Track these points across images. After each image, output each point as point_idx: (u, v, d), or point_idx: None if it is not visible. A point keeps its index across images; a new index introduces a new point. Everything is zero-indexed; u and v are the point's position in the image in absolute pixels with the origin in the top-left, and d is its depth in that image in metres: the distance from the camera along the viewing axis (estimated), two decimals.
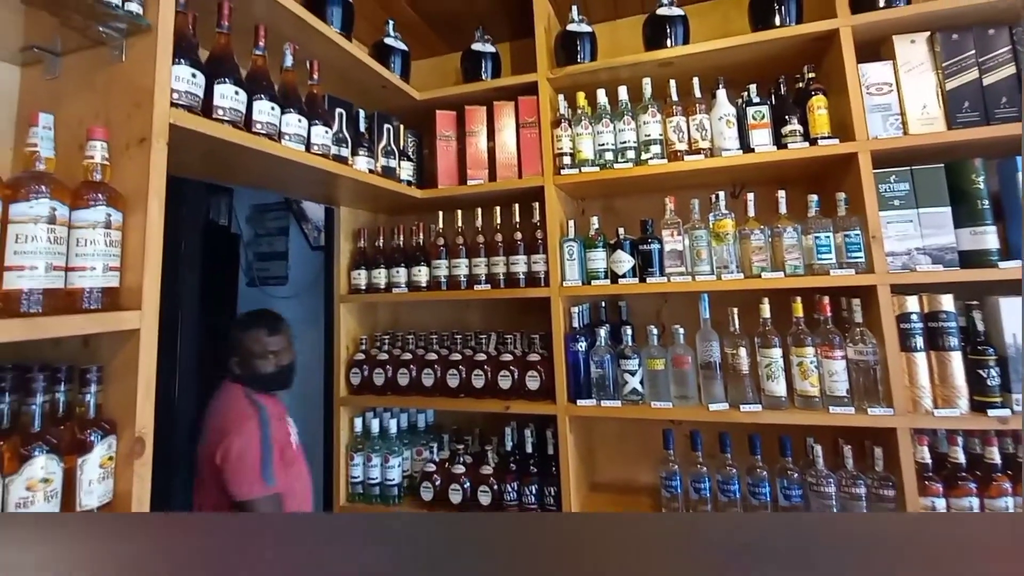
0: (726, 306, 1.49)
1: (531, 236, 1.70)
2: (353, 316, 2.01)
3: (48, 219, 0.76)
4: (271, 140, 1.19)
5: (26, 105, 1.03)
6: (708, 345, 1.45)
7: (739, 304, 1.49)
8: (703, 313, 1.49)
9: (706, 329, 1.48)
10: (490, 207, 1.80)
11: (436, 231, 1.84)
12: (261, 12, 1.27)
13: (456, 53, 2.23)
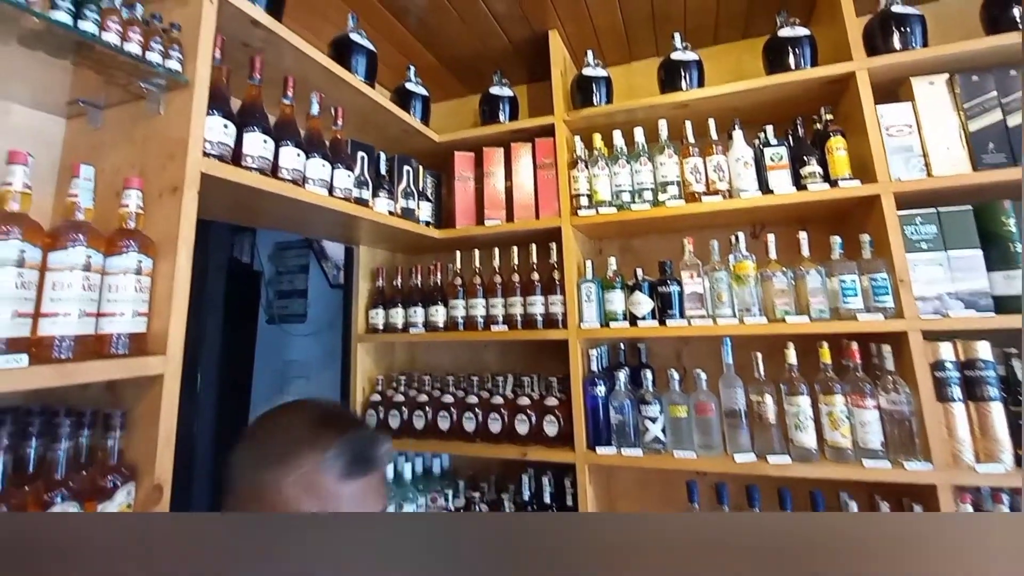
0: (749, 350, 1.48)
1: (548, 276, 1.73)
2: (370, 356, 2.04)
3: (83, 267, 0.81)
4: (296, 185, 1.26)
5: (69, 154, 1.10)
6: (732, 392, 1.44)
7: (763, 348, 1.48)
8: (726, 358, 1.48)
9: (729, 375, 1.47)
10: (508, 247, 1.85)
11: (454, 271, 1.89)
12: (290, 64, 1.36)
13: (474, 95, 2.34)
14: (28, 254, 0.75)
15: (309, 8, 1.75)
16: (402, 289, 1.96)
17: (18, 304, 0.73)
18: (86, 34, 0.88)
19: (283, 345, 2.81)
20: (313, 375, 1.88)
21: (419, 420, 1.78)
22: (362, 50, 1.67)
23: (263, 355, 2.83)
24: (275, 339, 2.82)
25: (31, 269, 0.75)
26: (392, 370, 2.12)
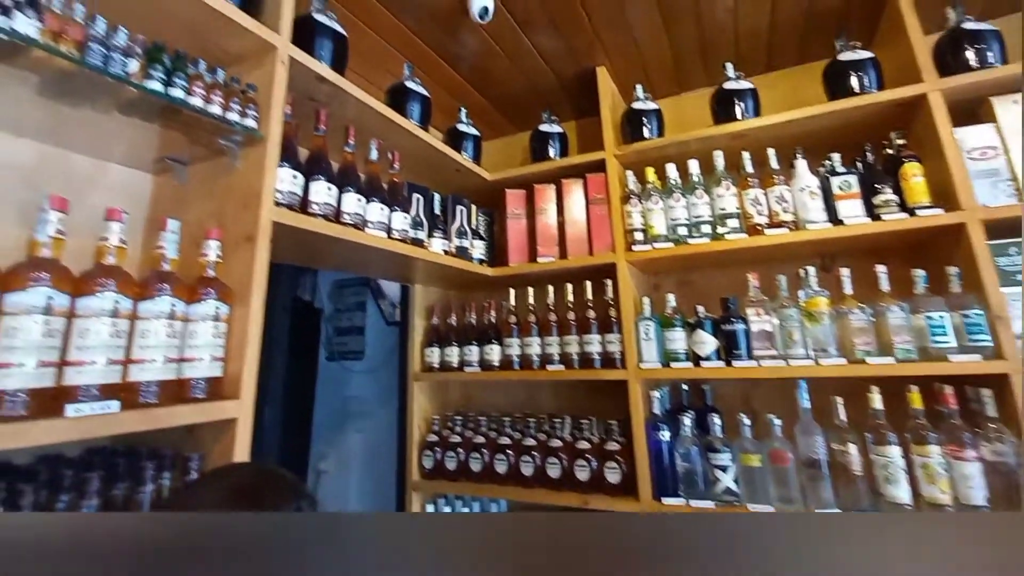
0: (827, 394, 1.39)
1: (604, 314, 1.71)
2: (425, 394, 2.06)
3: (168, 315, 0.87)
4: (357, 229, 1.31)
5: (156, 208, 1.20)
6: (811, 440, 1.34)
7: (842, 392, 1.39)
8: (802, 402, 1.39)
9: (807, 421, 1.37)
10: (561, 284, 1.84)
11: (508, 308, 1.90)
12: (352, 114, 1.45)
13: (524, 132, 2.40)
14: (121, 305, 0.81)
15: (368, 60, 1.86)
16: (457, 327, 1.98)
17: (111, 352, 0.79)
18: (176, 99, 0.97)
19: (342, 381, 2.89)
20: (371, 412, 1.91)
21: (476, 463, 1.77)
22: (417, 96, 1.75)
23: (323, 391, 2.92)
24: (334, 375, 2.90)
25: (124, 319, 0.81)
26: (447, 409, 2.13)
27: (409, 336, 2.03)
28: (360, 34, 1.72)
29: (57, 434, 0.68)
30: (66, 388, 0.74)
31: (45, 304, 0.73)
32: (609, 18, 1.75)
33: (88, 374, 0.75)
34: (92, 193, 1.10)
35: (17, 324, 0.70)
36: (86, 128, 1.03)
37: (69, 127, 1.02)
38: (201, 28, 1.08)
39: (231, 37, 1.12)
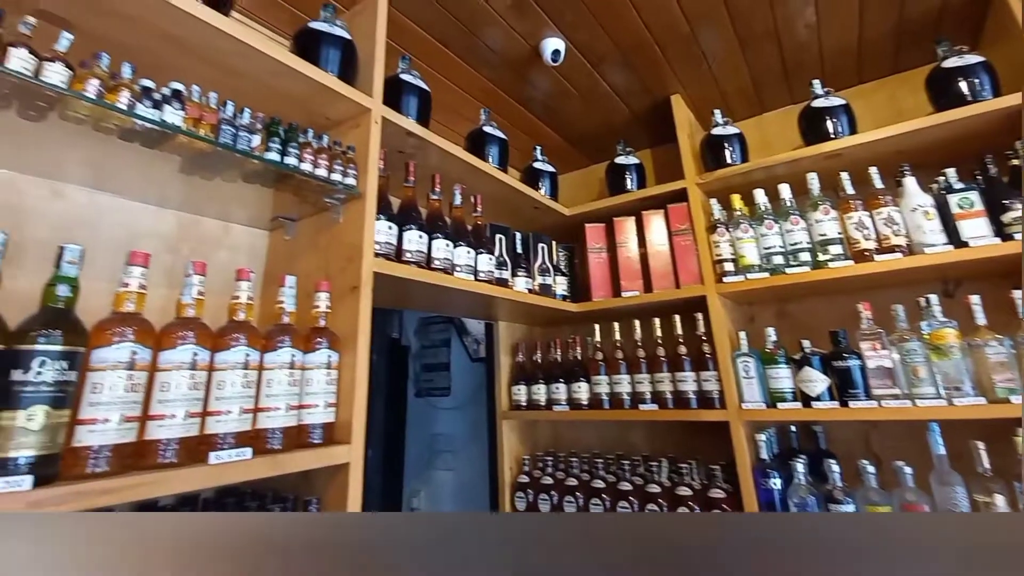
0: (964, 438, 1.24)
1: (697, 350, 1.65)
2: (515, 433, 2.07)
3: (289, 365, 0.95)
4: (447, 274, 1.38)
5: (271, 262, 1.33)
6: (949, 490, 1.20)
7: (984, 435, 1.24)
8: (935, 448, 1.26)
9: (943, 469, 1.23)
10: (648, 318, 1.81)
11: (594, 344, 1.88)
12: (436, 162, 1.54)
13: (598, 164, 2.43)
14: (251, 357, 0.90)
15: (447, 109, 1.98)
16: (542, 364, 1.99)
17: (244, 402, 0.87)
18: (290, 167, 1.09)
19: (430, 418, 2.97)
20: (459, 449, 1.94)
21: (570, 506, 1.75)
22: (495, 139, 1.83)
23: (413, 428, 3.00)
24: (422, 412, 2.99)
25: (253, 370, 0.90)
26: (537, 448, 2.13)
27: (495, 373, 2.06)
28: (440, 87, 1.84)
29: (202, 480, 0.76)
30: (207, 437, 0.82)
31: (191, 360, 0.82)
32: (682, 49, 1.75)
33: (225, 423, 0.84)
34: (219, 252, 1.25)
35: (169, 379, 0.80)
36: (215, 196, 1.17)
37: (202, 197, 1.17)
38: (308, 100, 1.21)
39: (332, 104, 1.25)
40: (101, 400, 0.72)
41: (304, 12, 1.48)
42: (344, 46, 1.33)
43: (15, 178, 0.95)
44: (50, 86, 0.78)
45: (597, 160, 2.47)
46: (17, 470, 0.63)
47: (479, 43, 1.70)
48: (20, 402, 0.65)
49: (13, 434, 0.64)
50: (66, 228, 0.99)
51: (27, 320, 0.70)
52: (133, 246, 1.04)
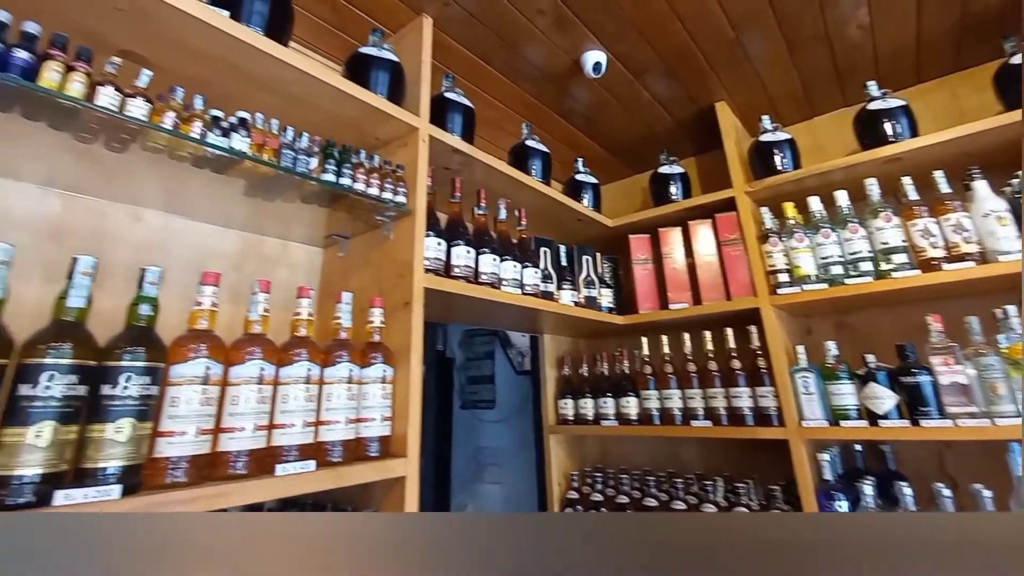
0: None
1: (751, 364, 1.61)
2: (563, 448, 2.07)
3: (347, 379, 0.98)
4: (494, 288, 1.39)
5: (326, 277, 1.39)
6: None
7: None
8: (1016, 468, 1.17)
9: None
10: (697, 331, 1.77)
11: (642, 358, 1.86)
12: (480, 178, 1.57)
13: (641, 174, 2.41)
14: (312, 372, 0.94)
15: (490, 124, 2.02)
16: (589, 377, 1.98)
17: (306, 415, 0.91)
18: (344, 187, 1.13)
19: (476, 431, 2.99)
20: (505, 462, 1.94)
21: None
22: (537, 153, 1.85)
23: (459, 441, 3.02)
24: (468, 424, 3.01)
25: (314, 384, 0.94)
26: (585, 463, 2.11)
27: (541, 387, 2.06)
28: (483, 103, 1.88)
29: (270, 491, 0.80)
30: (274, 449, 0.86)
31: (259, 375, 0.87)
32: (727, 55, 1.73)
33: (289, 435, 0.87)
34: (279, 269, 1.31)
35: (239, 393, 0.84)
36: (275, 216, 1.23)
37: (263, 217, 1.23)
38: (360, 122, 1.27)
39: (383, 125, 1.30)
40: (179, 413, 0.77)
41: (354, 38, 1.54)
42: (392, 68, 1.38)
43: (101, 204, 1.03)
44: (133, 120, 0.85)
45: (639, 170, 2.45)
46: (106, 480, 0.68)
47: (521, 59, 1.73)
48: (109, 415, 0.70)
49: (103, 446, 0.69)
50: (144, 249, 1.06)
51: (114, 338, 0.76)
52: (202, 265, 1.11)
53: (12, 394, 0.65)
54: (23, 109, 0.79)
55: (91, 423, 0.69)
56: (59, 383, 0.66)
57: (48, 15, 0.85)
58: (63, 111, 0.81)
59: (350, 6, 1.46)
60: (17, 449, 0.63)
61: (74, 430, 0.67)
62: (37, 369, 0.66)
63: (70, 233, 0.97)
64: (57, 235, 0.96)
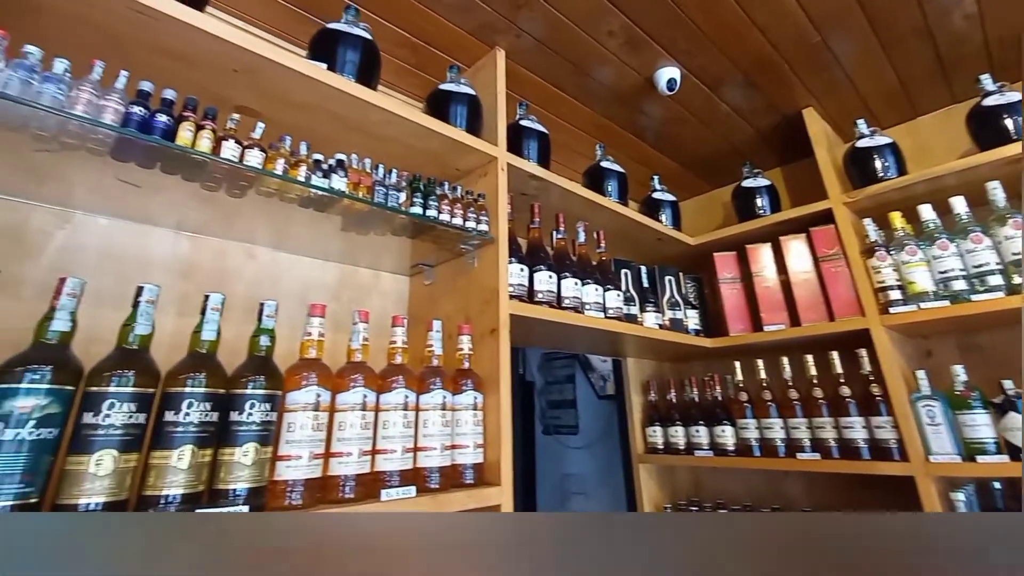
0: None
1: (863, 391, 1.48)
2: (653, 479, 2.01)
3: (441, 406, 1.02)
4: (576, 312, 1.40)
5: (413, 305, 1.46)
6: None
7: None
8: None
9: None
10: (797, 354, 1.67)
11: (735, 384, 1.77)
12: (557, 202, 1.59)
13: (720, 189, 2.35)
14: (409, 399, 0.98)
15: (563, 148, 2.05)
16: (678, 404, 1.92)
17: (405, 441, 0.95)
18: (431, 218, 1.19)
19: (559, 457, 2.97)
20: (591, 491, 1.90)
21: None
22: (613, 174, 1.86)
23: (543, 467, 2.99)
24: (551, 450, 2.99)
25: (411, 411, 0.98)
26: (677, 496, 2.03)
27: (627, 413, 2.02)
28: (556, 127, 1.92)
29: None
30: (378, 474, 0.90)
31: (362, 401, 0.92)
32: (812, 60, 1.66)
33: (391, 461, 0.91)
34: (372, 298, 1.39)
35: (345, 419, 0.90)
36: (367, 249, 1.32)
37: (357, 250, 1.32)
38: (442, 155, 1.34)
39: (463, 156, 1.36)
40: (294, 438, 0.83)
41: (432, 75, 1.64)
42: (470, 101, 1.45)
43: (222, 244, 1.15)
44: (252, 169, 0.95)
45: (719, 184, 2.39)
46: (236, 500, 0.74)
47: (592, 81, 1.75)
48: (237, 439, 0.77)
49: (232, 468, 0.76)
50: (256, 284, 1.17)
51: (239, 367, 0.84)
52: (306, 296, 1.20)
53: (159, 420, 0.73)
54: (163, 165, 0.91)
55: (222, 447, 0.76)
56: (196, 410, 0.74)
57: (180, 81, 0.97)
58: (195, 164, 0.92)
59: (428, 46, 1.56)
60: (164, 471, 0.70)
61: (208, 453, 0.75)
62: (179, 397, 0.74)
63: (197, 271, 1.10)
64: (187, 273, 1.08)
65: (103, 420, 0.67)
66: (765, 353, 1.77)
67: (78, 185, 0.93)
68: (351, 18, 1.30)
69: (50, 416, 0.65)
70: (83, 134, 0.82)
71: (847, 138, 1.94)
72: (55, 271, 0.91)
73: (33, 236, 0.93)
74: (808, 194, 1.80)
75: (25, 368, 0.65)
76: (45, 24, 0.88)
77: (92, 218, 1.00)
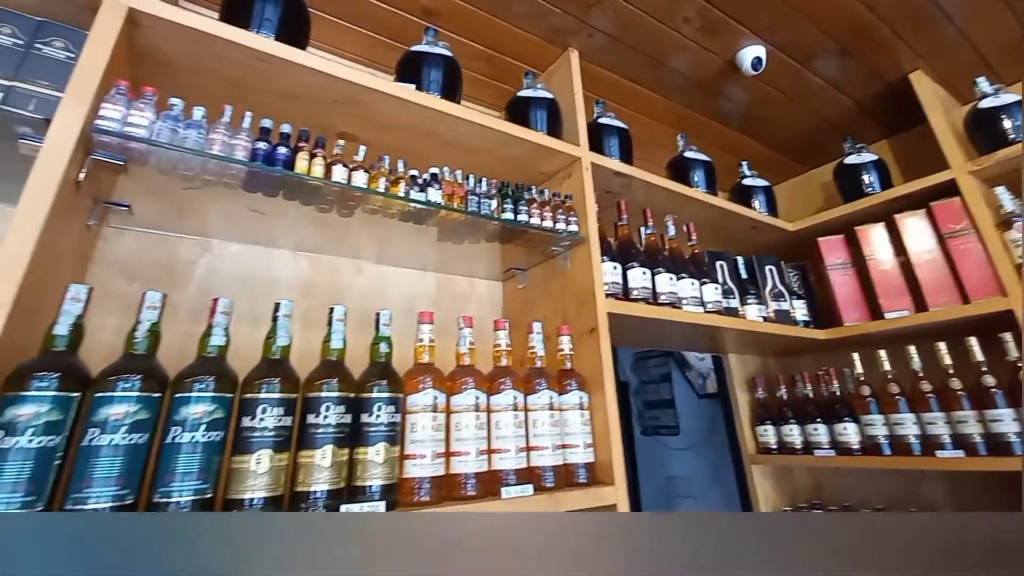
0: None
1: (1010, 380, 1.34)
2: (768, 480, 1.94)
3: (549, 406, 1.05)
4: (674, 308, 1.38)
5: (507, 309, 1.51)
6: None
7: None
8: None
9: None
10: (925, 342, 1.54)
11: (855, 377, 1.66)
12: (643, 197, 1.58)
13: (816, 169, 2.23)
14: (518, 400, 1.02)
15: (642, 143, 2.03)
16: (789, 401, 1.83)
17: (517, 440, 0.98)
18: (522, 223, 1.23)
19: (661, 459, 2.92)
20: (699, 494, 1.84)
21: None
22: (699, 163, 1.82)
23: (644, 469, 2.95)
24: (652, 452, 2.95)
25: (521, 412, 1.02)
26: (796, 498, 1.94)
27: (734, 412, 1.96)
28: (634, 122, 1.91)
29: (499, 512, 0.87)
30: (494, 473, 0.94)
31: (475, 403, 0.97)
32: (918, 18, 1.55)
33: (506, 460, 0.95)
34: (468, 305, 1.46)
35: (460, 420, 0.95)
36: (461, 257, 1.39)
37: (451, 259, 1.39)
38: (526, 160, 1.38)
39: (547, 160, 1.40)
40: (417, 438, 0.89)
41: (507, 84, 1.70)
42: (549, 105, 1.49)
43: (334, 261, 1.27)
44: (359, 188, 1.03)
45: (815, 165, 2.26)
46: (373, 496, 0.81)
47: (670, 72, 1.74)
48: (369, 440, 0.84)
49: (368, 467, 0.83)
50: (366, 297, 1.27)
51: (364, 373, 0.91)
52: (410, 306, 1.29)
53: (302, 423, 0.82)
54: (285, 192, 1.02)
55: (356, 447, 0.84)
56: (333, 413, 0.82)
57: (292, 115, 1.08)
58: (311, 189, 1.02)
59: (503, 56, 1.62)
60: (311, 469, 0.78)
61: (346, 453, 0.82)
62: (317, 401, 0.82)
63: (316, 287, 1.21)
64: (308, 290, 1.19)
65: (259, 423, 0.76)
66: (887, 343, 1.64)
67: (214, 216, 1.07)
68: (431, 39, 1.38)
69: (216, 420, 0.74)
70: (220, 171, 0.94)
71: (965, 100, 1.78)
72: (201, 295, 1.04)
73: (182, 265, 1.07)
74: (923, 166, 1.66)
75: (193, 379, 0.75)
76: (183, 80, 1.01)
77: (226, 245, 1.14)
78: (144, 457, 0.69)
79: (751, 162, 2.08)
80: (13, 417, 0.63)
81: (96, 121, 0.79)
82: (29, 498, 0.62)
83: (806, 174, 2.31)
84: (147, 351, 0.76)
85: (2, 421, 0.63)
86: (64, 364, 0.69)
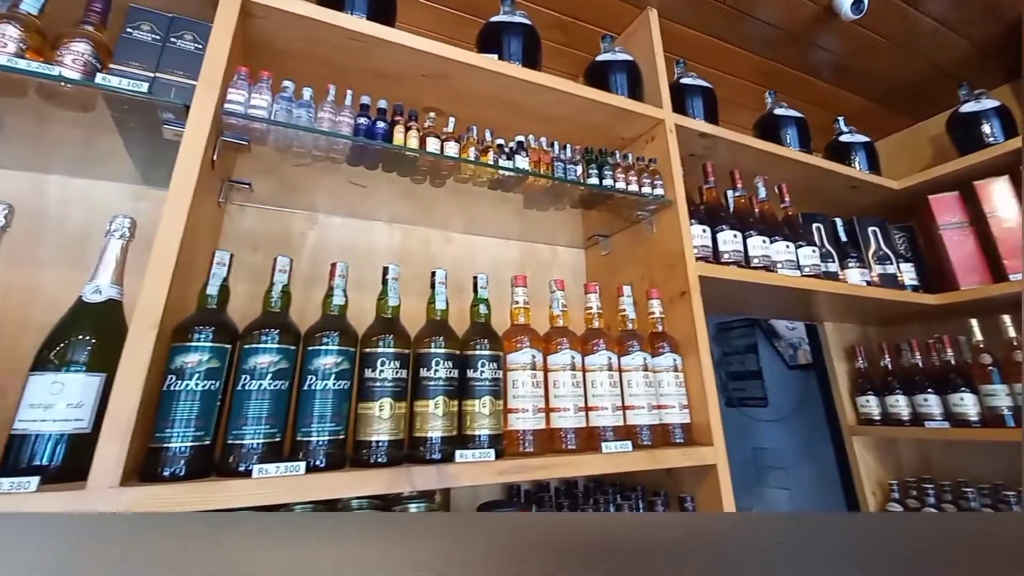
0: None
1: None
2: (870, 453, 1.89)
3: (643, 367, 1.08)
4: (768, 271, 1.37)
5: (591, 275, 1.55)
6: None
7: None
8: None
9: None
10: None
11: (974, 345, 1.57)
12: (729, 158, 1.56)
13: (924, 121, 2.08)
14: (612, 360, 1.06)
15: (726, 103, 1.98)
16: (895, 370, 1.76)
17: (613, 399, 1.03)
18: (609, 188, 1.25)
19: (748, 431, 2.89)
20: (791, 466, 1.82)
21: None
22: (790, 120, 1.76)
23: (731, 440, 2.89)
24: (737, 423, 2.92)
25: (615, 372, 1.06)
26: (902, 472, 1.88)
27: (831, 382, 1.91)
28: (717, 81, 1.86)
29: (600, 466, 0.93)
30: (592, 429, 1.00)
31: (571, 362, 1.02)
32: None
33: (603, 417, 1.00)
34: (552, 271, 1.52)
35: (558, 378, 1.00)
36: (542, 226, 1.44)
37: (533, 228, 1.44)
38: (608, 126, 1.40)
39: (629, 124, 1.41)
40: (518, 393, 0.96)
41: (584, 51, 1.71)
42: (629, 68, 1.49)
43: (425, 232, 1.36)
44: (452, 158, 1.10)
45: (923, 117, 2.11)
46: (482, 444, 0.88)
47: (755, 24, 1.68)
48: (475, 393, 0.92)
49: (476, 418, 0.90)
50: (456, 264, 1.35)
51: (467, 332, 0.99)
52: (498, 273, 1.35)
53: (416, 376, 0.90)
54: (384, 164, 1.11)
55: (464, 399, 0.91)
56: (442, 367, 0.90)
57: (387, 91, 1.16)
58: (407, 160, 1.10)
59: (578, 21, 1.63)
60: (427, 417, 0.87)
61: (455, 404, 0.90)
62: (427, 357, 0.91)
63: (410, 256, 1.31)
64: (403, 258, 1.29)
65: (379, 375, 0.85)
66: (1010, 308, 1.53)
67: (320, 192, 1.17)
68: (508, 8, 1.42)
69: (344, 371, 0.84)
70: (327, 147, 1.04)
71: None
72: (313, 263, 1.16)
73: (295, 237, 1.19)
74: None
75: (322, 334, 0.85)
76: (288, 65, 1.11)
77: (330, 219, 1.25)
78: (287, 401, 0.80)
79: (848, 117, 1.98)
80: (182, 364, 0.75)
81: (225, 104, 0.90)
82: (199, 432, 0.73)
83: (911, 128, 2.16)
84: (281, 309, 0.87)
85: (173, 367, 0.75)
86: (217, 320, 0.80)
